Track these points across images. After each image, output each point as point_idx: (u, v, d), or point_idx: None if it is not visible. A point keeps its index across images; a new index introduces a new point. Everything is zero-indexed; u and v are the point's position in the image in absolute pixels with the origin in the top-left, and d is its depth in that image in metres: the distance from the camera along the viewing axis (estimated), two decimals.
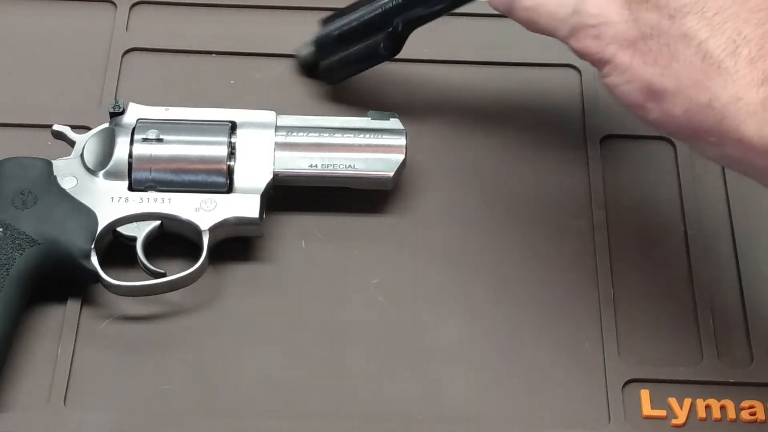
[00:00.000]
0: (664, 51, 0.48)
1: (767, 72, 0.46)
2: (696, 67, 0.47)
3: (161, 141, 0.58)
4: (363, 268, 0.60)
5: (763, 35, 0.47)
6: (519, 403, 0.56)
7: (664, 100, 0.49)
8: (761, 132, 0.46)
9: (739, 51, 0.47)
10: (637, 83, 0.49)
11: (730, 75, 0.47)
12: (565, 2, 0.51)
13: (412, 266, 0.60)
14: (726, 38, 0.47)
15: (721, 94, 0.47)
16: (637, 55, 0.49)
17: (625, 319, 0.58)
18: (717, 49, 0.47)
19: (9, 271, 0.54)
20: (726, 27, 0.47)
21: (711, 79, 0.47)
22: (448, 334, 0.58)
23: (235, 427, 0.55)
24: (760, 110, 0.46)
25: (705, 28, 0.48)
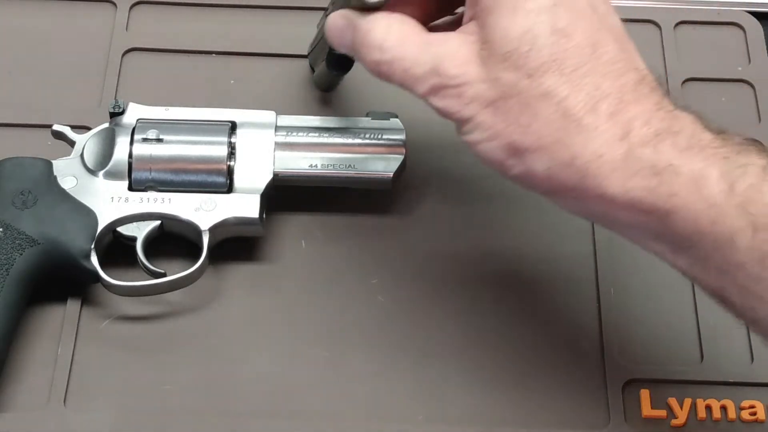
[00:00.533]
0: (524, 110, 0.48)
1: (627, 126, 0.46)
2: (557, 126, 0.47)
3: (161, 141, 0.58)
4: (363, 268, 0.60)
5: (621, 87, 0.47)
6: (519, 403, 0.56)
7: (526, 158, 0.48)
8: (624, 187, 0.46)
9: (599, 106, 0.47)
10: (498, 141, 0.49)
11: (590, 132, 0.47)
12: (422, 61, 0.50)
13: (412, 266, 0.60)
14: (585, 94, 0.47)
15: (583, 152, 0.47)
16: (498, 114, 0.48)
17: (624, 320, 0.58)
18: (577, 106, 0.47)
19: (9, 271, 0.54)
20: (585, 82, 0.47)
21: (572, 137, 0.47)
22: (447, 334, 0.58)
23: (235, 427, 0.55)
24: (622, 165, 0.46)
25: (564, 86, 0.47)
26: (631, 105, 0.47)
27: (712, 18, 0.70)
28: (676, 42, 0.69)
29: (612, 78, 0.48)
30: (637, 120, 0.47)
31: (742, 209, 0.45)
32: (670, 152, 0.46)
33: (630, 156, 0.46)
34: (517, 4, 0.48)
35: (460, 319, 0.58)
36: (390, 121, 0.61)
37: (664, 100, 0.48)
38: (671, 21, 0.70)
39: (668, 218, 0.46)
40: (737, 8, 0.71)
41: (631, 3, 0.71)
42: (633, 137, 0.46)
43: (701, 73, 0.68)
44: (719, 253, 0.45)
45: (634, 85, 0.48)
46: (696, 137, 0.46)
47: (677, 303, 0.59)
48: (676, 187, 0.45)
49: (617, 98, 0.47)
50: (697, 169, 0.45)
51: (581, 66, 0.47)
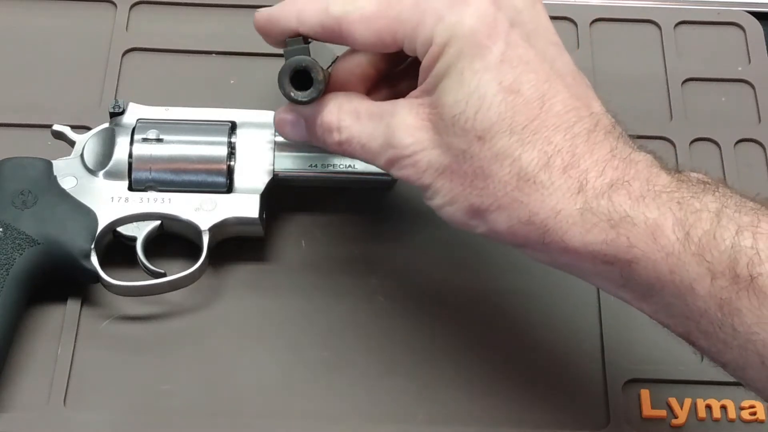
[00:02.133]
0: (479, 172, 0.48)
1: (581, 179, 0.47)
2: (512, 186, 0.47)
3: (161, 141, 0.58)
4: (363, 268, 0.60)
5: (573, 139, 0.47)
6: (519, 403, 0.56)
7: (487, 218, 0.48)
8: (584, 240, 0.47)
9: (552, 161, 0.47)
10: (458, 205, 0.49)
11: (546, 189, 0.47)
12: (376, 134, 0.50)
13: (412, 266, 0.60)
14: (537, 151, 0.47)
15: (540, 210, 0.47)
16: (455, 179, 0.49)
17: (625, 320, 0.58)
18: (530, 165, 0.47)
19: (9, 271, 0.54)
20: (536, 138, 0.47)
21: (528, 195, 0.47)
22: (447, 334, 0.58)
23: (235, 427, 0.55)
24: (579, 219, 0.47)
25: (515, 145, 0.47)
26: (584, 156, 0.47)
27: (712, 18, 0.70)
28: (676, 42, 0.69)
29: (563, 130, 0.47)
30: (591, 171, 0.47)
31: (699, 257, 0.45)
32: (625, 203, 0.46)
33: (586, 209, 0.46)
34: (464, 67, 0.48)
35: (460, 319, 0.58)
36: None
37: (619, 144, 0.48)
38: (671, 21, 0.70)
39: (629, 268, 0.46)
40: (737, 8, 0.71)
41: (631, 3, 0.71)
42: (588, 190, 0.46)
43: (701, 73, 0.68)
44: (680, 301, 0.46)
45: (587, 135, 0.47)
46: (651, 183, 0.46)
47: None
48: (633, 238, 0.46)
49: (570, 151, 0.47)
50: (652, 218, 0.46)
51: (531, 122, 0.47)
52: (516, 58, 0.48)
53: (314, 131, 0.53)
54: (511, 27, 0.48)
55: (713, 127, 0.66)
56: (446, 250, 0.61)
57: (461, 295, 0.59)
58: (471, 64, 0.48)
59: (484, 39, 0.48)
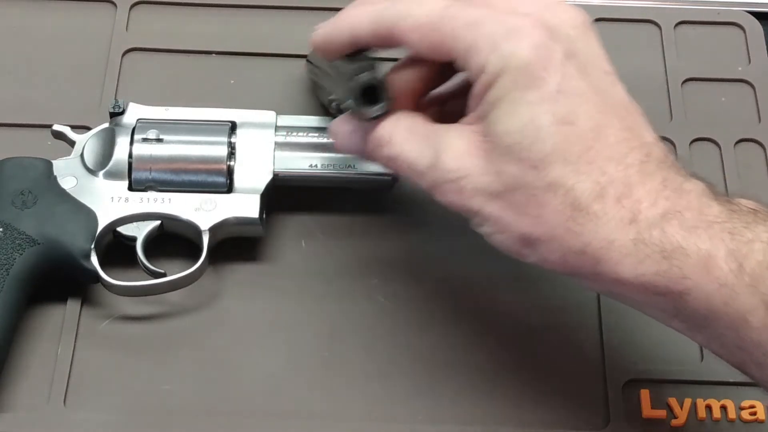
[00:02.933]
0: (531, 201, 0.47)
1: (634, 210, 0.46)
2: (566, 215, 0.47)
3: (161, 141, 0.58)
4: (363, 268, 0.60)
5: (626, 170, 0.47)
6: (519, 403, 0.56)
7: (539, 247, 0.48)
8: (636, 271, 0.46)
9: (606, 191, 0.47)
10: (509, 233, 0.49)
11: (599, 219, 0.47)
12: (424, 154, 0.50)
13: (412, 266, 0.60)
14: (592, 181, 0.47)
15: (593, 240, 0.47)
16: (506, 207, 0.48)
17: (625, 320, 0.58)
18: (584, 195, 0.47)
19: (9, 271, 0.54)
20: (591, 169, 0.47)
21: (582, 225, 0.47)
22: (447, 334, 0.58)
23: (235, 427, 0.55)
24: (633, 250, 0.46)
25: (570, 174, 0.47)
26: (637, 187, 0.47)
27: (712, 18, 0.70)
28: (676, 42, 0.69)
29: (617, 160, 0.47)
30: (644, 202, 0.46)
31: (753, 288, 0.45)
32: (677, 233, 0.46)
33: (639, 240, 0.46)
34: (518, 97, 0.47)
35: (460, 319, 0.58)
36: None
37: (671, 173, 0.48)
38: (671, 21, 0.70)
39: (682, 299, 0.46)
40: (737, 8, 0.71)
41: (631, 3, 0.71)
42: (641, 221, 0.46)
43: (701, 73, 0.68)
44: (734, 332, 0.46)
45: (640, 165, 0.47)
46: (703, 213, 0.46)
47: None
48: (686, 269, 0.46)
49: (623, 182, 0.47)
50: (704, 249, 0.45)
51: (585, 152, 0.47)
52: (571, 89, 0.48)
53: (366, 143, 0.53)
54: (566, 58, 0.48)
55: (713, 127, 0.66)
56: (446, 250, 0.61)
57: (461, 295, 0.59)
58: (525, 95, 0.47)
59: (540, 71, 0.47)
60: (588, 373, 0.57)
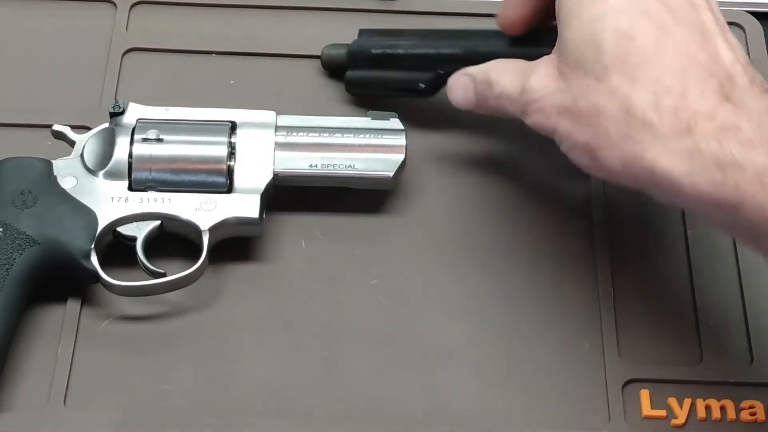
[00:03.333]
0: (592, 111, 0.50)
1: (690, 121, 0.48)
2: (623, 122, 0.49)
3: (161, 141, 0.58)
4: (363, 268, 0.60)
5: (685, 83, 0.49)
6: (519, 403, 0.56)
7: (599, 156, 0.51)
8: (692, 180, 0.48)
9: (662, 102, 0.49)
10: (579, 146, 0.52)
11: (654, 127, 0.49)
12: (517, 84, 0.55)
13: (412, 266, 0.60)
14: (648, 91, 0.49)
15: (649, 148, 0.49)
16: (573, 119, 0.51)
17: (625, 319, 0.58)
18: (639, 103, 0.49)
19: (9, 271, 0.54)
20: (648, 80, 0.49)
21: (638, 132, 0.49)
22: (447, 334, 0.58)
23: (235, 427, 0.55)
24: (687, 159, 0.48)
25: (627, 84, 0.49)
26: (695, 100, 0.49)
27: None
28: None
29: (676, 74, 0.49)
30: (701, 114, 0.48)
31: None
32: (734, 147, 0.47)
33: (695, 151, 0.48)
34: (582, 13, 0.51)
35: (460, 319, 0.58)
36: (390, 121, 0.61)
37: (735, 90, 0.49)
38: None
39: (737, 211, 0.47)
40: (737, 8, 0.71)
41: None
42: (697, 132, 0.48)
43: None
44: None
45: (700, 80, 0.49)
46: (763, 128, 0.48)
47: (677, 303, 0.59)
48: (741, 182, 0.47)
49: (680, 94, 0.49)
50: (760, 163, 0.47)
51: (644, 64, 0.49)
52: (634, 7, 0.51)
53: (477, 88, 0.58)
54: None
55: None
56: (446, 250, 0.61)
57: (461, 295, 0.59)
58: (588, 10, 0.51)
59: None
60: (588, 373, 0.57)
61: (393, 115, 0.61)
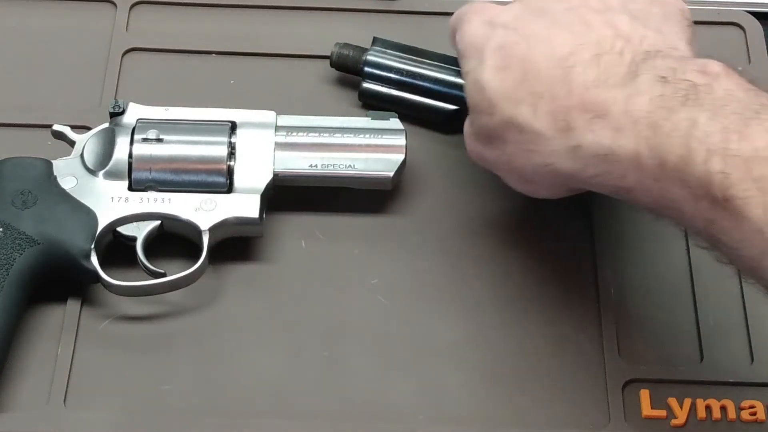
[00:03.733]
0: (498, 143, 0.54)
1: (566, 119, 0.50)
2: (521, 140, 0.52)
3: (161, 141, 0.58)
4: (363, 268, 0.60)
5: (552, 87, 0.51)
6: (519, 403, 0.56)
7: (523, 177, 0.55)
8: (587, 174, 0.51)
9: (539, 109, 0.51)
10: (507, 176, 0.56)
11: (540, 135, 0.51)
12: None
13: (412, 266, 0.60)
14: (527, 104, 0.52)
15: (546, 155, 0.52)
16: (492, 155, 0.55)
17: (625, 319, 0.58)
18: (524, 118, 0.52)
19: (9, 271, 0.54)
20: (524, 94, 0.52)
21: (535, 144, 0.52)
22: (447, 334, 0.58)
23: (235, 427, 0.55)
24: (573, 156, 0.51)
25: (512, 107, 0.52)
26: (563, 99, 0.51)
27: (712, 18, 0.70)
28: None
29: (542, 79, 0.52)
30: (572, 111, 0.50)
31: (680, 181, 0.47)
32: (606, 136, 0.49)
33: (578, 147, 0.50)
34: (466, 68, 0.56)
35: (460, 319, 0.58)
36: (390, 121, 0.61)
37: (601, 76, 0.50)
38: None
39: (631, 195, 0.50)
40: (737, 8, 0.71)
41: None
42: (575, 128, 0.50)
43: None
44: (680, 220, 0.49)
45: (564, 76, 0.51)
46: (629, 109, 0.49)
47: (677, 303, 0.59)
48: (623, 169, 0.49)
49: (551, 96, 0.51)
50: (630, 149, 0.49)
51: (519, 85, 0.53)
52: (507, 44, 0.53)
53: None
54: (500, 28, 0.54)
55: None
56: (446, 250, 0.61)
57: (461, 295, 0.59)
58: (470, 63, 0.55)
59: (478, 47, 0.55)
60: (588, 373, 0.57)
61: (393, 115, 0.61)
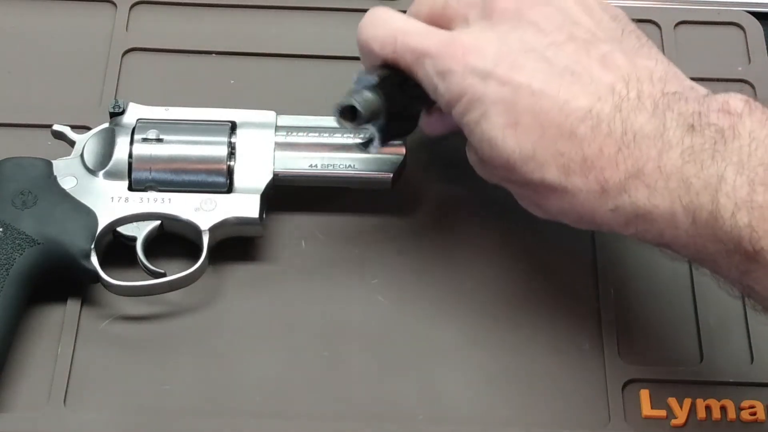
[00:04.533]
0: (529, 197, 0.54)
1: (600, 180, 0.49)
2: (554, 197, 0.51)
3: (161, 141, 0.58)
4: (363, 268, 0.60)
5: (580, 144, 0.50)
6: (519, 403, 0.56)
7: (548, 215, 0.54)
8: (627, 232, 0.51)
9: (570, 169, 0.50)
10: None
11: (576, 195, 0.50)
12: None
13: (412, 266, 0.60)
14: (555, 166, 0.50)
15: (582, 211, 0.51)
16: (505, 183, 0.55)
17: (625, 319, 0.58)
18: (555, 180, 0.51)
19: (9, 271, 0.54)
20: (549, 154, 0.50)
21: (569, 202, 0.51)
22: (447, 334, 0.58)
23: (235, 427, 0.55)
24: (614, 216, 0.50)
25: (535, 170, 0.51)
26: (595, 157, 0.49)
27: (712, 18, 0.70)
28: (676, 42, 0.69)
29: (566, 138, 0.50)
30: (606, 170, 0.49)
31: (712, 236, 0.48)
32: (642, 195, 0.49)
33: (616, 208, 0.50)
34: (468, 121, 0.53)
35: (460, 319, 0.58)
36: None
37: (628, 124, 0.49)
38: (671, 21, 0.70)
39: (671, 249, 0.51)
40: (737, 8, 0.71)
41: (631, 3, 0.71)
42: (610, 188, 0.49)
43: (701, 73, 0.67)
44: (717, 273, 0.50)
45: (591, 133, 0.49)
46: (662, 165, 0.48)
47: (677, 303, 0.59)
48: (659, 227, 0.49)
49: (580, 157, 0.50)
50: (665, 208, 0.48)
51: (538, 141, 0.51)
52: (501, 96, 0.51)
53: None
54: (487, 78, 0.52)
55: None
56: (446, 250, 0.61)
57: (461, 295, 0.59)
58: (471, 115, 0.52)
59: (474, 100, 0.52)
60: (588, 373, 0.57)
61: None
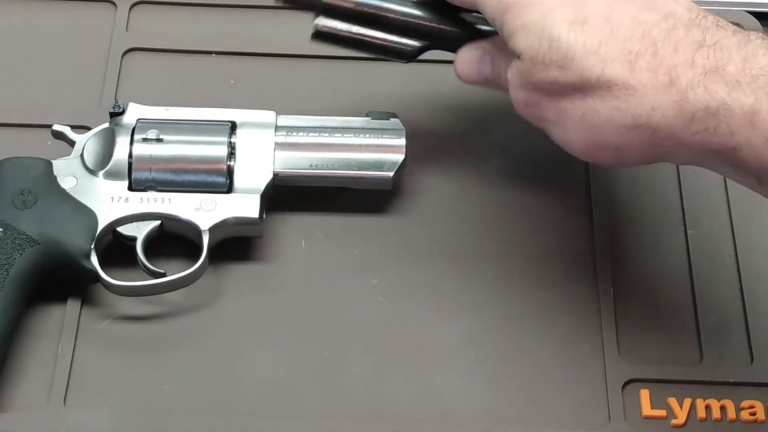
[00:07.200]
0: (575, 99, 0.51)
1: (671, 74, 0.49)
2: (607, 96, 0.50)
3: (161, 141, 0.58)
4: (363, 268, 0.60)
5: (652, 43, 0.49)
6: (519, 403, 0.56)
7: (605, 140, 0.51)
8: (689, 131, 0.48)
9: (636, 65, 0.49)
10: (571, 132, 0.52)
11: (637, 90, 0.49)
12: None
13: (412, 266, 0.60)
14: (619, 61, 0.49)
15: (640, 111, 0.49)
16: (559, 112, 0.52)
17: (625, 319, 0.58)
18: (616, 74, 0.49)
19: (9, 271, 0.54)
20: (613, 52, 0.50)
21: (625, 101, 0.49)
22: (447, 334, 0.58)
23: (235, 427, 0.55)
24: (679, 111, 0.48)
25: (596, 64, 0.50)
26: (668, 54, 0.49)
27: None
28: None
29: (638, 38, 0.50)
30: (679, 66, 0.49)
31: None
32: (721, 89, 0.48)
33: (684, 101, 0.48)
34: (525, 22, 0.51)
35: (460, 319, 0.58)
36: (390, 121, 0.61)
37: (708, 33, 0.49)
38: None
39: (735, 155, 0.48)
40: (737, 8, 0.71)
41: None
42: (680, 83, 0.48)
43: None
44: None
45: (666, 35, 0.49)
46: (747, 65, 0.48)
47: (677, 303, 0.59)
48: (733, 125, 0.47)
49: (651, 53, 0.49)
50: (748, 104, 0.47)
51: (604, 42, 0.50)
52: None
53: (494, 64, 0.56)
54: None
55: None
56: (446, 249, 0.61)
57: (461, 295, 0.59)
58: (530, 15, 0.51)
59: None
60: (588, 373, 0.57)
61: (393, 116, 0.61)
